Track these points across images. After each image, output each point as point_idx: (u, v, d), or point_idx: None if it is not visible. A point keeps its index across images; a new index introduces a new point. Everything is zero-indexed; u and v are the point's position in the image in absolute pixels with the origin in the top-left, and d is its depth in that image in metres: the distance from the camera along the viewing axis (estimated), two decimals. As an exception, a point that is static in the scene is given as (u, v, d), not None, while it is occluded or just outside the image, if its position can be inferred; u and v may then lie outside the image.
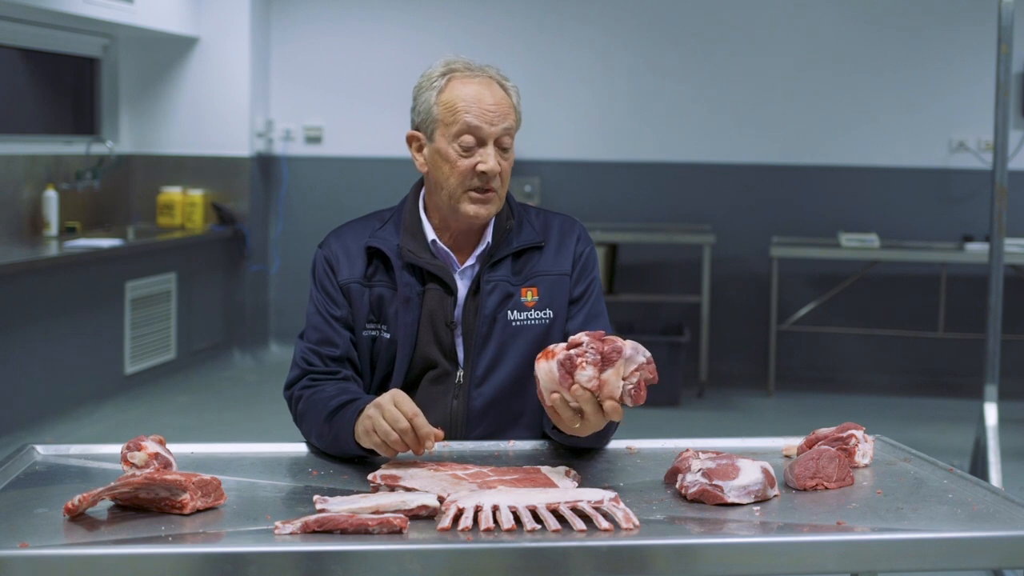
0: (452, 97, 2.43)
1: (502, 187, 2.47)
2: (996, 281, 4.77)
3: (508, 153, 2.46)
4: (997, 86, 4.73)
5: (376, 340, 2.49)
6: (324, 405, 2.33)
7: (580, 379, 2.04)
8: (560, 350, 2.07)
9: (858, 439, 2.27)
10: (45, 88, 7.37)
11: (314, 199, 7.93)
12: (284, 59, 7.94)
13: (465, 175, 2.43)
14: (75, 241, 6.41)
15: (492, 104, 2.42)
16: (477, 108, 2.41)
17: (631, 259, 7.69)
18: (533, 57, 7.71)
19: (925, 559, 1.82)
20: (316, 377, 2.45)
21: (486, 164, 2.41)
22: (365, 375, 2.52)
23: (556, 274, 2.52)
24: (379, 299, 2.48)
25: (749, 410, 6.94)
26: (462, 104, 2.42)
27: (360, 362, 2.51)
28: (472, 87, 2.43)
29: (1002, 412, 4.89)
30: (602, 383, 2.05)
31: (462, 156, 2.42)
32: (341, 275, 2.50)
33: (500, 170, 2.44)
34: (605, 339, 2.07)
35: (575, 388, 2.05)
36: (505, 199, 2.56)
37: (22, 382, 5.74)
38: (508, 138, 2.45)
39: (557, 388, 2.07)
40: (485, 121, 2.41)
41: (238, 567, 1.70)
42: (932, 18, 7.57)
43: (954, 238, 7.49)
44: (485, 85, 2.44)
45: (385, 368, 2.49)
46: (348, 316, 2.49)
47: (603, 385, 2.05)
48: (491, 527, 1.82)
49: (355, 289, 2.49)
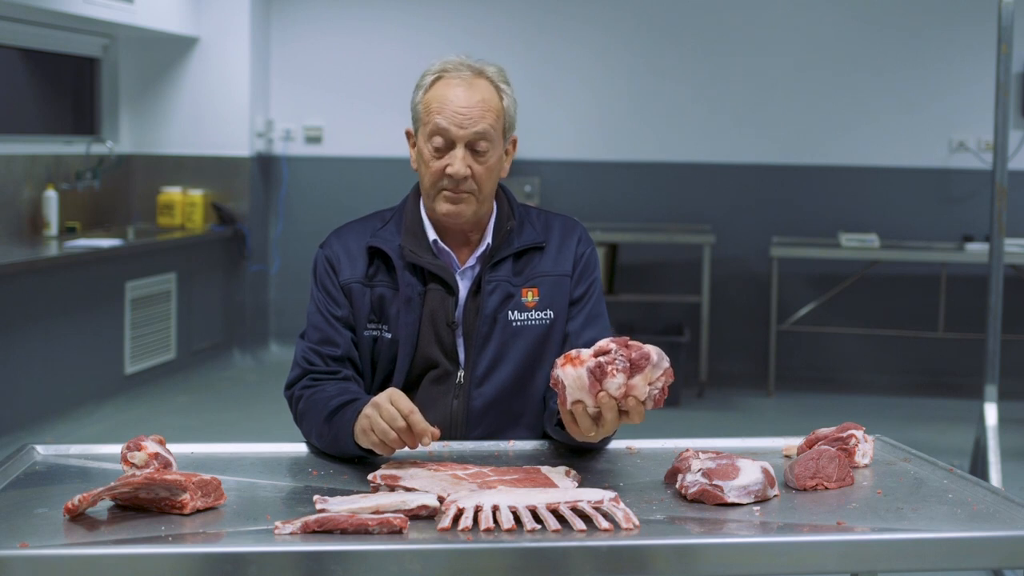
0: (431, 97, 2.44)
1: (480, 190, 2.44)
2: (996, 281, 4.77)
3: (484, 156, 2.43)
4: (997, 86, 4.73)
5: (377, 340, 2.49)
6: (324, 405, 2.33)
7: (609, 387, 2.04)
8: (588, 356, 2.06)
9: (858, 439, 2.27)
10: (45, 88, 7.37)
11: (314, 199, 7.93)
12: (284, 59, 7.94)
13: (436, 176, 2.43)
14: (75, 241, 6.41)
15: (465, 107, 2.41)
16: (448, 110, 2.41)
17: (631, 259, 7.69)
18: (533, 57, 7.71)
19: (925, 559, 1.82)
20: (317, 377, 2.45)
21: (452, 167, 2.41)
22: (366, 375, 2.52)
23: (557, 275, 2.52)
24: (380, 299, 2.48)
25: (749, 410, 6.94)
26: (435, 105, 2.42)
27: (361, 362, 2.51)
28: (452, 89, 2.42)
29: (1002, 412, 4.89)
30: (630, 388, 2.05)
31: (434, 157, 2.43)
32: (342, 275, 2.50)
33: (469, 174, 2.42)
34: (630, 344, 2.06)
35: (602, 395, 2.05)
36: (506, 199, 2.56)
37: (22, 382, 5.74)
38: (483, 142, 2.42)
39: (583, 396, 2.06)
40: (454, 124, 2.40)
41: (238, 567, 1.70)
42: (932, 18, 7.57)
43: (954, 238, 7.49)
44: (466, 86, 2.43)
45: (386, 368, 2.49)
46: (349, 316, 2.49)
47: (631, 390, 2.05)
48: (491, 527, 1.82)
49: (356, 289, 2.49)
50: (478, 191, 2.44)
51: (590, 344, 2.50)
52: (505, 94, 2.48)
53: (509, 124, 2.49)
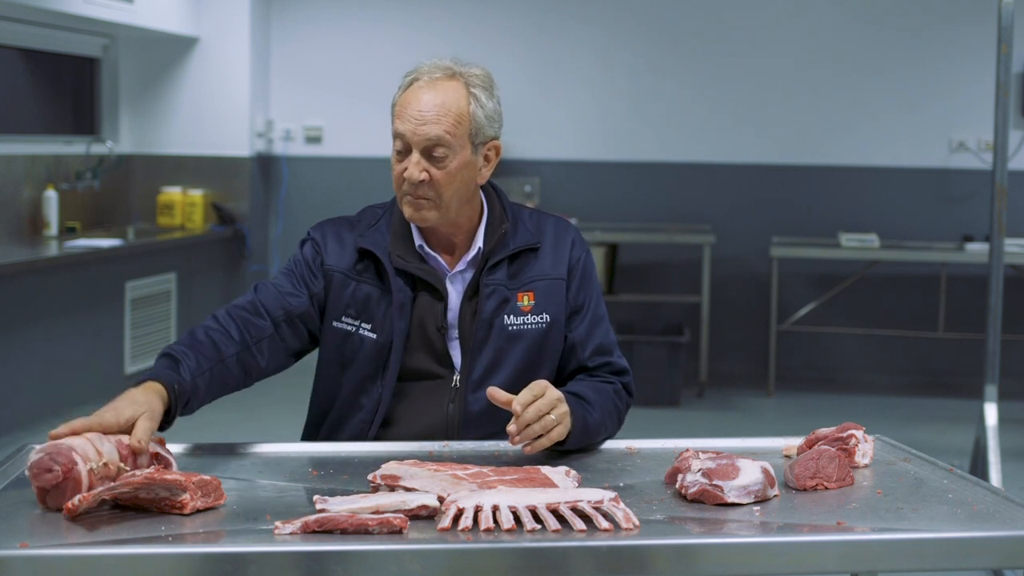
0: (399, 100, 2.43)
1: (439, 196, 2.40)
2: (996, 281, 4.77)
3: (443, 162, 2.38)
4: (997, 86, 4.73)
5: (351, 336, 2.47)
6: (180, 339, 2.35)
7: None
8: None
9: (858, 439, 2.27)
10: (45, 88, 7.37)
11: (314, 199, 7.93)
12: (284, 59, 7.94)
13: (397, 180, 2.43)
14: (75, 241, 6.41)
15: (425, 111, 2.37)
16: (408, 114, 2.39)
17: (631, 259, 7.69)
18: (533, 57, 7.70)
19: (925, 559, 1.82)
20: (232, 315, 2.42)
21: (407, 171, 2.40)
22: (330, 369, 2.50)
23: (552, 278, 2.51)
24: (366, 297, 2.47)
25: (749, 410, 6.94)
26: (399, 108, 2.42)
27: (324, 353, 2.50)
28: (416, 92, 2.40)
29: (1002, 412, 4.89)
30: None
31: (396, 161, 2.43)
32: (328, 259, 2.50)
33: (426, 179, 2.39)
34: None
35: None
36: (498, 200, 2.55)
37: (22, 382, 5.74)
38: (440, 148, 2.37)
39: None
40: (410, 129, 2.38)
41: (238, 567, 1.69)
42: (932, 18, 7.57)
43: (954, 238, 7.49)
44: (431, 89, 2.39)
45: (366, 368, 2.47)
46: (321, 294, 2.48)
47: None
48: (491, 527, 1.81)
49: (338, 279, 2.48)
50: (437, 197, 2.40)
51: (598, 350, 2.52)
52: (477, 100, 2.42)
53: (476, 130, 2.42)
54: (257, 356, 2.42)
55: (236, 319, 2.41)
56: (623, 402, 2.52)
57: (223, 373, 2.36)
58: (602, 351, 2.54)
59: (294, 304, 2.46)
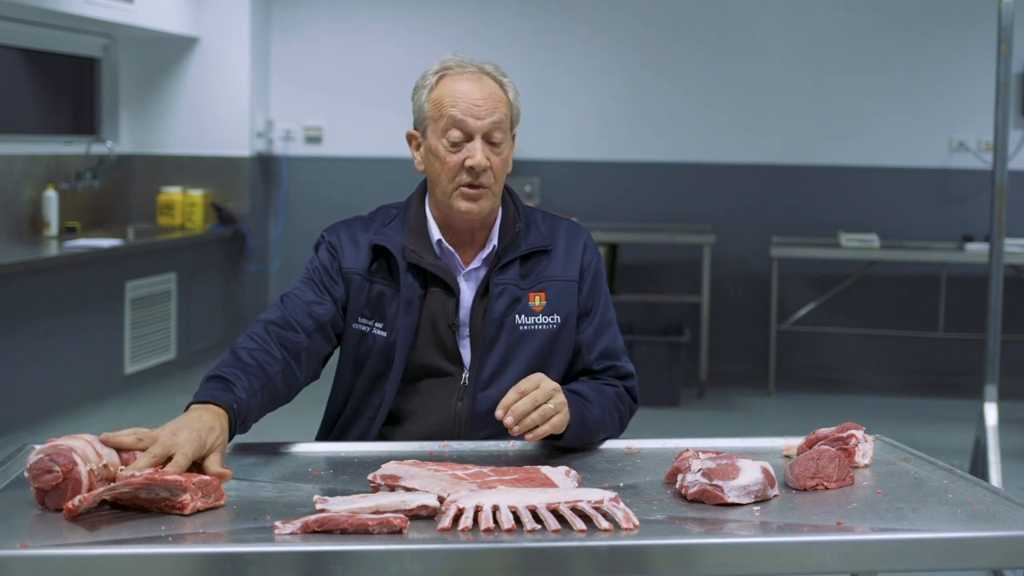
0: (441, 94, 2.43)
1: (495, 183, 2.45)
2: (996, 281, 4.77)
3: (500, 148, 2.44)
4: (997, 86, 4.73)
5: (366, 336, 2.48)
6: (224, 360, 2.35)
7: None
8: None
9: (858, 439, 2.27)
10: (45, 88, 7.37)
11: (314, 199, 7.93)
12: (284, 59, 7.94)
13: (454, 171, 2.42)
14: (75, 241, 6.41)
15: (479, 98, 2.41)
16: (463, 103, 2.41)
17: (631, 259, 7.69)
18: (533, 57, 7.71)
19: (925, 559, 1.82)
20: (272, 330, 2.41)
21: (473, 159, 2.40)
22: (347, 369, 2.51)
23: (564, 280, 2.52)
24: (379, 296, 2.48)
25: (749, 410, 6.94)
26: (448, 99, 2.42)
27: (343, 355, 2.50)
28: (461, 83, 2.43)
29: (1002, 412, 4.89)
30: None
31: (450, 152, 2.42)
32: (345, 263, 2.50)
33: (489, 165, 2.42)
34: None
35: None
36: (511, 200, 2.56)
37: (22, 382, 5.74)
38: (499, 132, 2.43)
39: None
40: (471, 115, 2.41)
41: (238, 567, 1.69)
42: (932, 18, 7.57)
43: (954, 238, 7.49)
44: (475, 80, 2.44)
45: (377, 367, 2.48)
46: (344, 298, 2.48)
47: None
48: (491, 527, 1.81)
49: (356, 281, 2.49)
50: (493, 184, 2.44)
51: (603, 354, 2.52)
52: (508, 87, 2.49)
53: (516, 116, 2.50)
54: (296, 371, 2.42)
55: (273, 336, 2.40)
56: (625, 405, 2.52)
57: (272, 391, 2.36)
58: (608, 355, 2.54)
59: (321, 313, 2.46)
